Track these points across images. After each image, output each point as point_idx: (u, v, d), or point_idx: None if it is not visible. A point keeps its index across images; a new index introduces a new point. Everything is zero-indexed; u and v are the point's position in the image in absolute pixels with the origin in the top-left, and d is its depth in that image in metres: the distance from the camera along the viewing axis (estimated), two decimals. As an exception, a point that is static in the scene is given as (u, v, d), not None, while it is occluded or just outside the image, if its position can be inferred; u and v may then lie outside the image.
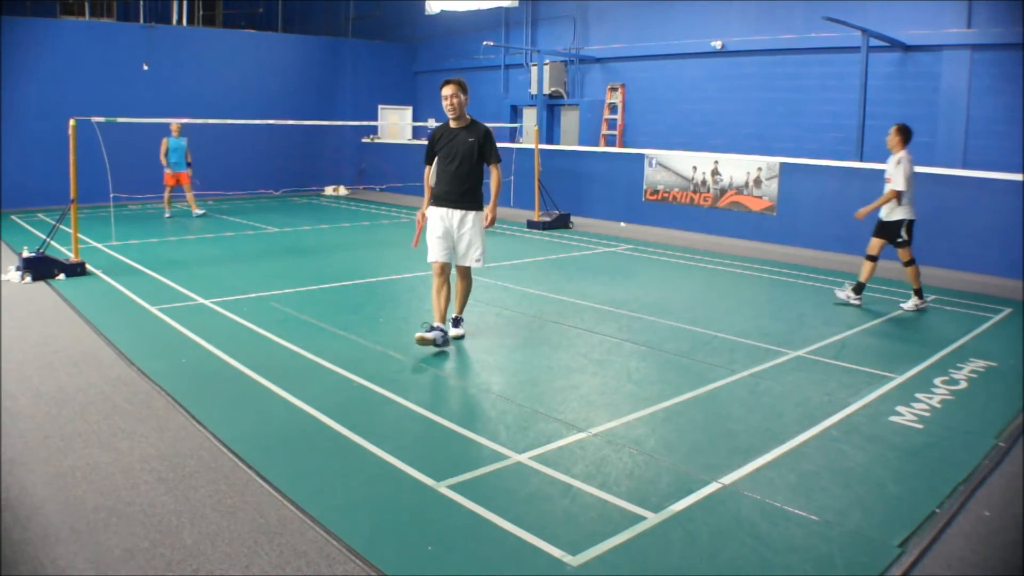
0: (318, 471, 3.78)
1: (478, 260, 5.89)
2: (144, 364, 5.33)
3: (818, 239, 11.01)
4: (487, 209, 5.85)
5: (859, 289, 7.62)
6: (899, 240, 7.38)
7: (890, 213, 7.37)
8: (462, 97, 5.67)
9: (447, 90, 5.66)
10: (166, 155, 13.19)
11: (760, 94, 13.66)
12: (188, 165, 13.43)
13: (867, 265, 7.53)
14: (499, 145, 6.12)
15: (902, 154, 7.25)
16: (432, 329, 5.70)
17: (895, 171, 7.23)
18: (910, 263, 7.45)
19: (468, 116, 5.81)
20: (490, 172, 5.89)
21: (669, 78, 15.12)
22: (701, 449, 4.13)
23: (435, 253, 5.83)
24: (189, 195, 13.65)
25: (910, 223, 7.36)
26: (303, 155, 18.66)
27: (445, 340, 5.77)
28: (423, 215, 5.96)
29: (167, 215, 13.67)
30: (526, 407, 4.67)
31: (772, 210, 11.61)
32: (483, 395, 4.89)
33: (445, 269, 5.90)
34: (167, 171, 13.28)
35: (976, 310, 7.59)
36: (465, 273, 6.01)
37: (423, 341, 5.62)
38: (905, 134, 7.29)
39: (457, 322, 6.12)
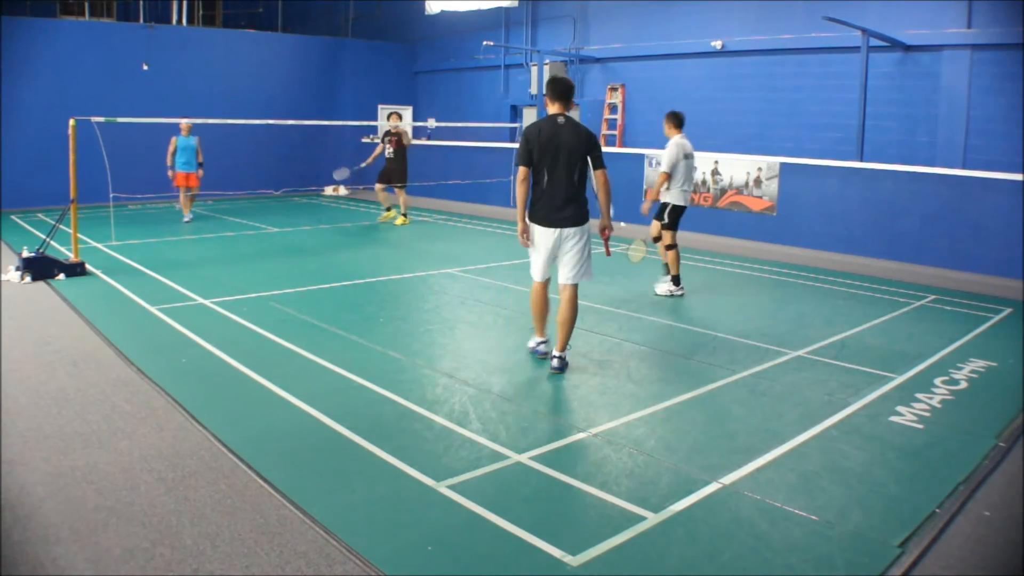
0: (318, 471, 3.78)
1: None
2: (144, 364, 5.33)
3: (818, 239, 11.01)
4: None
5: (677, 280, 7.92)
6: (661, 223, 7.85)
7: (662, 196, 7.81)
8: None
9: None
10: (173, 155, 12.60)
11: (760, 94, 13.65)
12: (199, 165, 12.87)
13: (670, 254, 7.85)
14: (499, 145, 5.90)
15: (673, 139, 7.74)
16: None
17: (663, 154, 7.75)
18: (671, 247, 7.81)
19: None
20: None
21: (669, 78, 15.11)
22: (701, 449, 4.13)
23: None
24: (189, 195, 13.06)
25: (674, 208, 7.75)
26: (303, 155, 18.66)
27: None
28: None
29: (186, 219, 12.97)
30: (526, 407, 4.67)
31: (772, 210, 11.60)
32: (483, 395, 4.88)
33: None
34: (173, 171, 12.66)
35: (976, 310, 7.59)
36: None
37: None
38: (673, 119, 7.82)
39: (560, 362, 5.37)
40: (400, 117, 13.73)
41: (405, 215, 13.41)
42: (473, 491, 3.55)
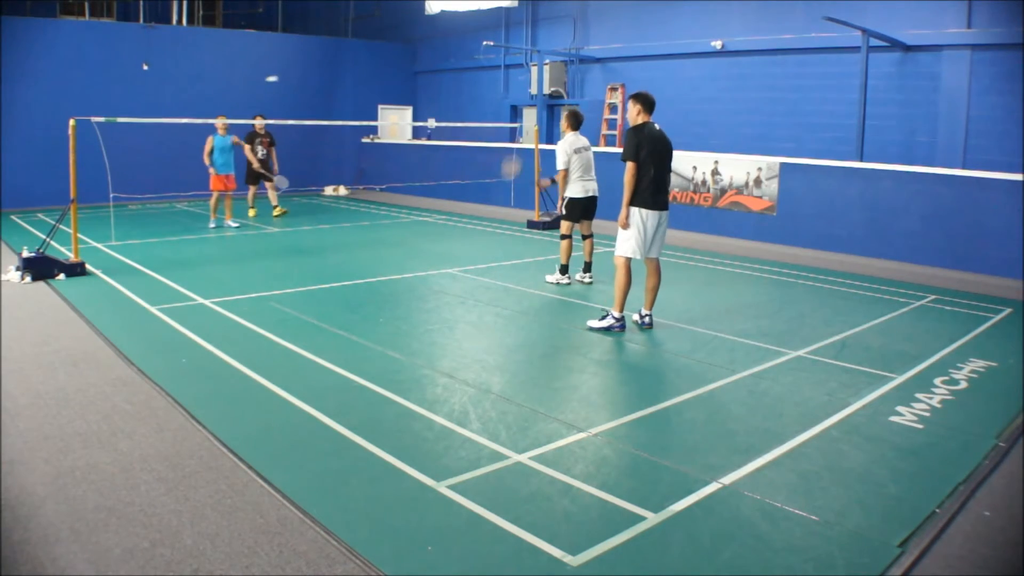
0: (318, 471, 3.78)
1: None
2: (144, 364, 5.33)
3: (818, 239, 11.01)
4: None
5: (564, 270, 8.33)
6: (560, 214, 8.32)
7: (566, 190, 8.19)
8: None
9: None
10: (210, 155, 11.89)
11: (760, 94, 13.65)
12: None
13: (562, 244, 8.26)
14: (498, 145, 6.24)
15: (565, 136, 8.17)
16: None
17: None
18: (564, 237, 8.24)
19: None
20: None
21: (669, 78, 15.10)
22: (701, 449, 4.13)
23: None
24: (228, 201, 12.40)
25: (572, 200, 8.10)
26: (303, 155, 18.66)
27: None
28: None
29: (212, 224, 12.40)
30: (526, 407, 4.67)
31: (772, 210, 11.60)
32: (483, 395, 4.89)
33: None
34: (212, 174, 11.95)
35: (976, 310, 7.58)
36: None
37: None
38: (569, 119, 8.19)
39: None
40: (263, 117, 13.42)
41: (254, 207, 13.80)
42: (473, 491, 3.55)
